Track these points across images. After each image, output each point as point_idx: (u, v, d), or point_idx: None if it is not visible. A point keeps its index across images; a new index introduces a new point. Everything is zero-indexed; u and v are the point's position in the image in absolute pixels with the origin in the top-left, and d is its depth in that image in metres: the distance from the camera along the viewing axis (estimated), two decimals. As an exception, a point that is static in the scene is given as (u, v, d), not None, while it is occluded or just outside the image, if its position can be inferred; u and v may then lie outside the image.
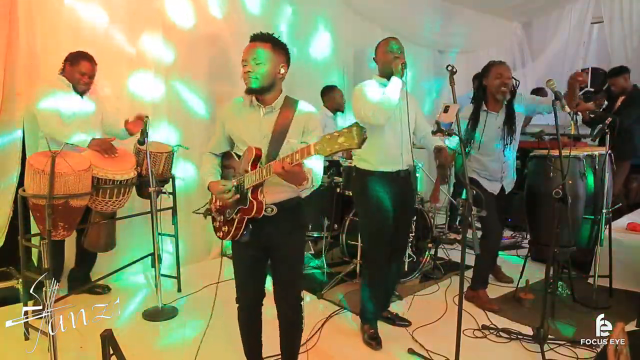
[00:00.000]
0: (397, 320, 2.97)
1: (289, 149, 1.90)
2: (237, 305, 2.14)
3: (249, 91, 1.93)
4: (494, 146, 3.14)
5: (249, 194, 1.86)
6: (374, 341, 2.71)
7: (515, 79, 3.14)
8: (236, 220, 1.92)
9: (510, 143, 3.18)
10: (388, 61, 2.64)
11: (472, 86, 5.02)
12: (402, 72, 2.55)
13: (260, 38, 1.92)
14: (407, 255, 3.59)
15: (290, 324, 2.13)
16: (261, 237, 1.97)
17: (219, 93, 4.30)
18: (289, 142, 1.93)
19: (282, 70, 1.95)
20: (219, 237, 2.05)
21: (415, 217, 3.61)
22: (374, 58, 2.78)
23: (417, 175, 3.48)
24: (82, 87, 3.12)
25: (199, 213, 2.22)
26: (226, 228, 1.98)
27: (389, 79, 2.61)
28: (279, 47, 1.94)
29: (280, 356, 2.25)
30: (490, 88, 3.12)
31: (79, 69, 3.08)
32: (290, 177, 1.73)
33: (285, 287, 2.07)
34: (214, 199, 2.07)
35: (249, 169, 1.86)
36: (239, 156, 2.00)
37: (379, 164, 2.67)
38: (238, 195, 1.88)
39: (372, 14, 5.38)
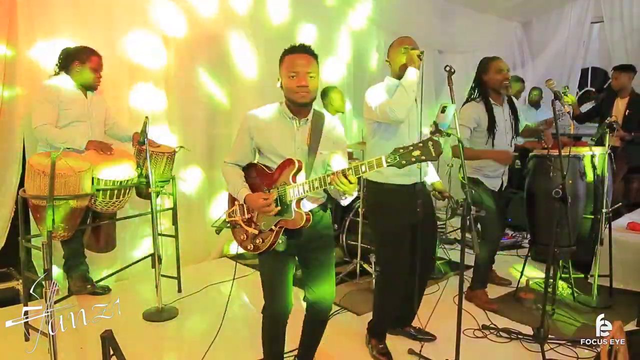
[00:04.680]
0: (420, 335, 2.78)
1: (321, 160, 1.98)
2: (267, 315, 2.05)
3: (301, 105, 1.91)
4: (501, 139, 3.14)
5: (293, 206, 1.88)
6: (384, 357, 2.55)
7: None
8: (275, 231, 1.92)
9: (518, 134, 3.26)
10: (401, 60, 2.45)
11: None
12: (417, 62, 2.36)
13: (309, 51, 1.90)
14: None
15: (321, 323, 2.17)
16: (293, 243, 1.96)
17: (219, 94, 4.30)
18: (321, 153, 1.97)
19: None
20: (249, 250, 1.99)
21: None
22: (386, 60, 2.61)
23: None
24: (96, 83, 3.14)
25: (219, 227, 2.15)
26: (260, 240, 1.95)
27: None
28: (318, 60, 1.93)
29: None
30: (491, 83, 3.13)
31: (91, 65, 3.08)
32: (350, 188, 1.74)
33: (321, 289, 2.07)
34: (239, 211, 2.02)
35: (290, 181, 1.87)
36: (267, 167, 1.98)
37: (392, 175, 2.44)
38: (279, 208, 1.88)
39: (371, 14, 5.38)
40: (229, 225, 2.08)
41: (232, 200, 2.07)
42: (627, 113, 4.39)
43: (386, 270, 2.62)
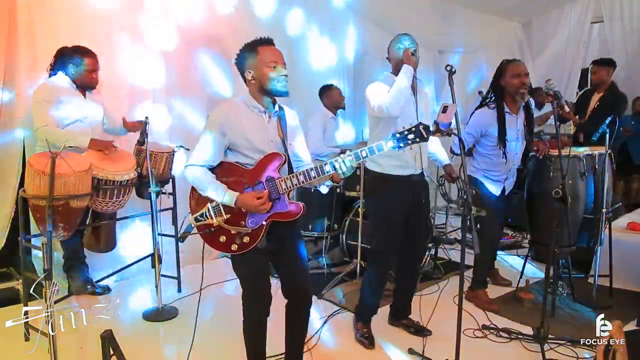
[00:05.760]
0: (417, 330, 2.86)
1: (290, 151, 2.00)
2: (249, 317, 2.03)
3: (281, 94, 1.93)
4: (510, 148, 3.09)
5: (285, 198, 1.91)
6: (367, 340, 2.69)
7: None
8: (265, 226, 1.91)
9: (529, 144, 3.21)
10: (399, 57, 2.54)
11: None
12: (412, 59, 2.45)
13: (274, 43, 1.95)
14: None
15: (304, 318, 2.15)
16: (270, 237, 1.96)
17: (219, 94, 4.30)
18: (291, 144, 2.01)
19: None
20: (233, 251, 1.95)
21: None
22: (387, 58, 2.68)
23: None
24: (93, 83, 3.15)
25: (184, 234, 2.07)
26: (248, 238, 1.92)
27: None
28: None
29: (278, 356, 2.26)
30: (508, 88, 3.03)
31: (88, 68, 3.09)
32: (347, 174, 1.83)
33: (302, 280, 2.09)
34: (213, 213, 1.92)
35: (278, 174, 1.89)
36: (240, 164, 1.95)
37: (389, 167, 2.60)
38: (271, 203, 1.89)
39: (372, 13, 5.39)
40: (194, 230, 1.99)
41: (198, 203, 1.97)
42: (596, 105, 4.28)
43: (376, 253, 2.79)
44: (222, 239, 1.96)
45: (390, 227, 2.63)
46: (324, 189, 2.07)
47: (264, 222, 1.91)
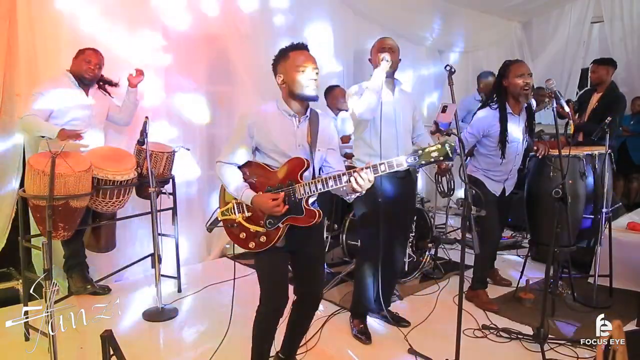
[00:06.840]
0: (396, 320, 2.96)
1: (319, 157, 2.02)
2: (264, 314, 2.05)
3: (309, 99, 1.95)
4: (511, 149, 3.08)
5: (303, 204, 1.91)
6: (363, 335, 2.75)
7: None
8: (281, 228, 1.93)
9: (530, 146, 3.21)
10: (378, 61, 2.60)
11: (477, 87, 5.00)
12: (382, 64, 2.52)
13: (309, 49, 1.98)
14: (407, 255, 3.59)
15: (308, 318, 2.21)
16: (292, 239, 1.98)
17: (219, 93, 4.30)
18: (320, 150, 2.01)
19: None
20: (250, 248, 1.98)
21: (415, 217, 3.61)
22: (369, 59, 2.76)
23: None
24: (89, 75, 3.12)
25: (211, 226, 2.17)
26: (264, 238, 1.95)
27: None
28: None
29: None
30: (511, 89, 3.01)
31: (85, 57, 3.10)
32: (366, 186, 1.80)
33: (316, 285, 2.13)
34: (237, 209, 1.99)
35: (298, 179, 1.90)
36: (268, 166, 1.98)
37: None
38: (287, 206, 1.89)
39: (372, 14, 5.38)
40: (220, 224, 2.07)
41: (225, 198, 2.05)
42: (595, 106, 4.25)
43: (362, 256, 2.88)
44: (242, 235, 2.00)
45: (374, 222, 2.69)
46: (350, 199, 2.06)
47: (281, 225, 1.93)
